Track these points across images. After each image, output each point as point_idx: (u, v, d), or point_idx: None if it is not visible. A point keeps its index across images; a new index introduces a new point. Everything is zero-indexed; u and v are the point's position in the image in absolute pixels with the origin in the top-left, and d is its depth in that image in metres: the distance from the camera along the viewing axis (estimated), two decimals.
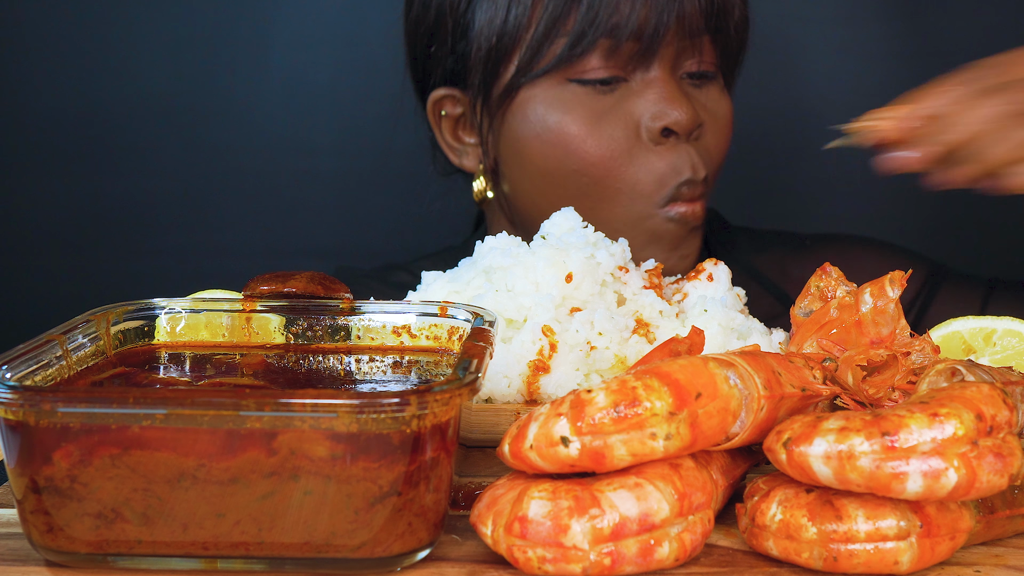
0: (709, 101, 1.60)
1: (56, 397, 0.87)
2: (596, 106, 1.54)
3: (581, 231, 1.30)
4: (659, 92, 1.54)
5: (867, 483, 0.85)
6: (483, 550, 0.93)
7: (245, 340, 1.15)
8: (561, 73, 1.54)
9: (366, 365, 1.13)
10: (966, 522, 0.90)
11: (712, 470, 0.95)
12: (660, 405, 0.88)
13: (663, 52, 1.54)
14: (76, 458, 0.87)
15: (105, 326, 1.09)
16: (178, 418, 0.86)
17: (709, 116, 1.59)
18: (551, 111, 1.55)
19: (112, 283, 2.42)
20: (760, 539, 0.91)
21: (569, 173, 1.56)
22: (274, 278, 1.17)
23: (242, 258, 2.42)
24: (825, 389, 1.00)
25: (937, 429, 0.85)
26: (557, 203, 1.48)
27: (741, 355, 0.96)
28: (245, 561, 0.89)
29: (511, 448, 0.90)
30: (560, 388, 1.20)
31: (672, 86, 1.55)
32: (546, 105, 1.55)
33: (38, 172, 2.42)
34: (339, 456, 0.86)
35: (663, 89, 1.54)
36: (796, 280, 1.85)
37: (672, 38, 1.53)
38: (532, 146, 1.57)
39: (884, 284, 1.11)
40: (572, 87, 1.54)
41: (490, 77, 1.59)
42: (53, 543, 0.89)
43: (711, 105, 1.60)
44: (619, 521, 0.87)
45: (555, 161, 1.56)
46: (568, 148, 1.55)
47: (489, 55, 1.58)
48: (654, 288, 1.29)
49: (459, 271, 1.32)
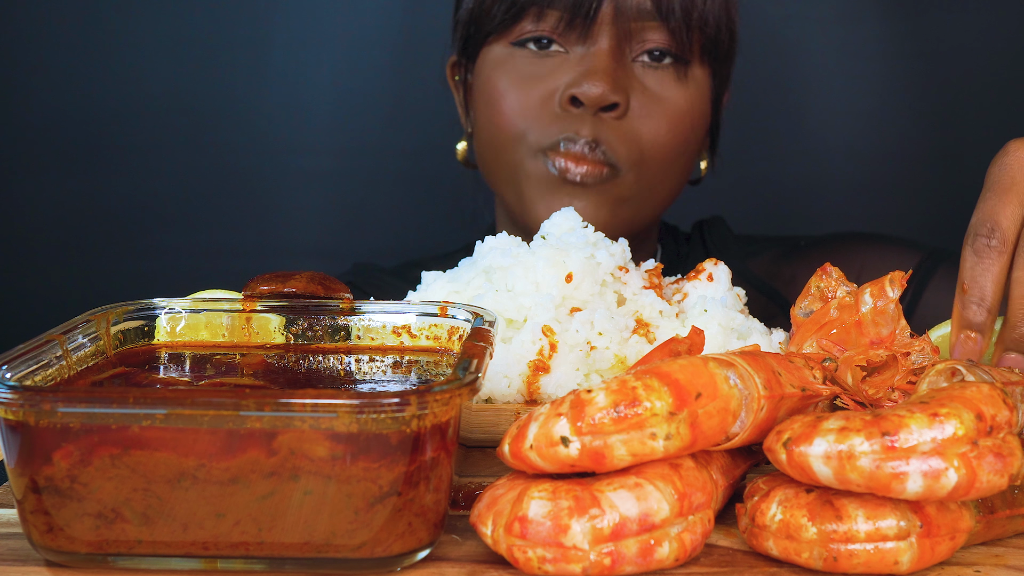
0: (658, 86, 1.65)
1: (56, 397, 0.87)
2: (528, 70, 1.66)
3: (581, 231, 1.30)
4: (586, 65, 1.63)
5: (867, 483, 0.85)
6: (483, 550, 0.93)
7: (245, 340, 1.15)
8: (505, 36, 1.68)
9: (366, 365, 1.13)
10: (966, 522, 0.90)
11: (712, 470, 0.95)
12: (660, 405, 0.88)
13: (603, 29, 1.62)
14: (76, 458, 0.87)
15: (105, 326, 1.09)
16: (178, 418, 0.85)
17: (648, 100, 1.64)
18: (493, 70, 1.69)
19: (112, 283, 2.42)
20: (760, 539, 0.91)
21: (486, 124, 1.70)
22: (274, 278, 1.17)
23: (242, 258, 2.42)
24: (825, 389, 1.00)
25: (937, 429, 0.85)
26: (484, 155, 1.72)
27: (741, 355, 0.96)
28: (245, 561, 0.89)
29: (511, 448, 0.90)
30: (560, 388, 1.20)
31: (605, 62, 1.62)
32: (492, 65, 1.70)
33: (38, 172, 2.42)
34: (339, 456, 0.86)
35: (592, 63, 1.63)
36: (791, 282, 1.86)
37: (611, 17, 1.61)
38: (479, 102, 1.73)
39: (884, 284, 1.11)
40: (513, 50, 1.68)
41: (466, 39, 1.74)
42: (53, 543, 0.89)
43: (658, 90, 1.65)
44: (619, 521, 0.87)
45: (484, 114, 1.71)
46: (490, 101, 1.69)
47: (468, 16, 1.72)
48: (654, 288, 1.29)
49: (459, 271, 1.32)
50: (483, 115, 1.71)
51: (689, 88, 1.67)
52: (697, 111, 1.69)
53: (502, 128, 1.67)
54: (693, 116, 1.68)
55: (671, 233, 1.97)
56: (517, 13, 1.65)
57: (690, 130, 1.68)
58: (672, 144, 1.66)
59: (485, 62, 1.71)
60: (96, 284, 2.42)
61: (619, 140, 1.62)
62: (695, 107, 1.68)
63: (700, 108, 1.69)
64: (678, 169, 1.71)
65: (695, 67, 1.67)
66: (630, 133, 1.63)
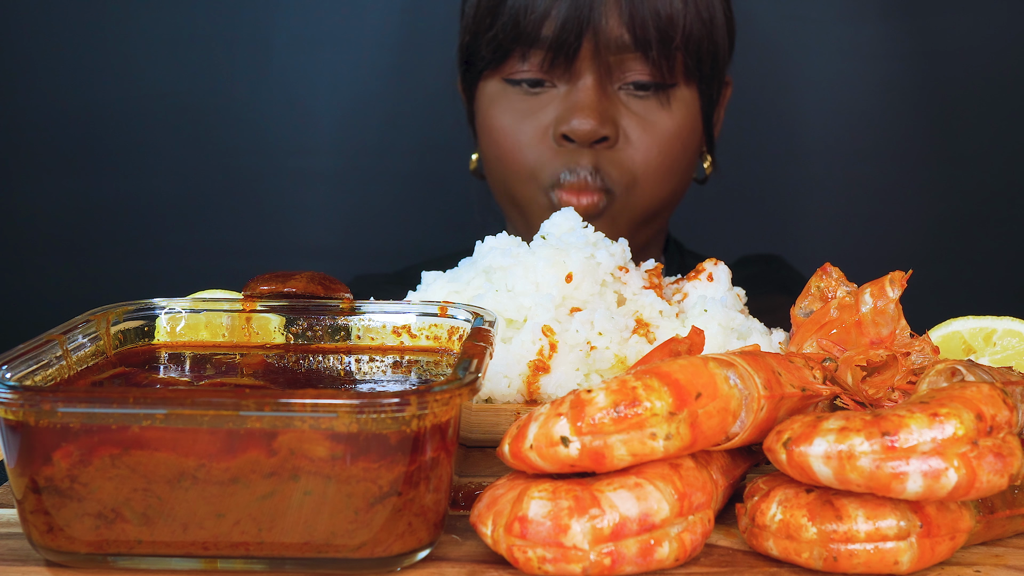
0: (644, 111, 1.71)
1: (56, 397, 0.87)
2: (522, 106, 1.74)
3: (581, 231, 1.30)
4: (572, 101, 1.69)
5: (867, 483, 0.85)
6: (483, 550, 0.93)
7: (245, 340, 1.15)
8: (497, 73, 1.75)
9: (366, 365, 1.13)
10: (966, 522, 0.90)
11: (712, 470, 0.94)
12: (660, 405, 0.88)
13: (585, 65, 1.68)
14: (76, 458, 0.87)
15: (105, 326, 1.09)
16: (178, 418, 0.85)
17: (637, 124, 1.71)
18: (490, 105, 1.77)
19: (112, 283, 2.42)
20: (760, 539, 0.91)
21: (492, 158, 1.79)
22: (274, 278, 1.17)
23: (242, 258, 2.42)
24: (825, 389, 1.00)
25: (937, 429, 0.85)
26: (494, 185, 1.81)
27: (741, 355, 0.96)
28: (245, 561, 0.89)
29: (511, 448, 0.90)
30: (560, 388, 1.20)
31: (589, 97, 1.68)
32: (488, 99, 1.78)
33: (38, 172, 2.42)
34: (339, 456, 0.86)
35: (578, 98, 1.69)
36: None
37: (592, 52, 1.67)
38: (481, 131, 1.81)
39: (884, 284, 1.11)
40: (506, 86, 1.75)
41: (465, 69, 1.79)
42: (53, 543, 0.89)
43: (644, 117, 1.71)
44: (619, 521, 0.87)
45: (489, 149, 1.79)
46: (493, 137, 1.77)
47: (463, 50, 1.79)
48: (654, 288, 1.29)
49: (459, 271, 1.31)
50: (488, 149, 1.79)
51: (675, 111, 1.72)
52: (687, 129, 1.74)
53: (510, 166, 1.75)
54: (683, 136, 1.74)
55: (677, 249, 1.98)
56: (503, 54, 1.72)
57: (681, 150, 1.74)
58: (664, 165, 1.73)
59: (483, 95, 1.79)
60: (96, 284, 2.42)
61: (613, 167, 1.70)
62: (684, 126, 1.73)
63: (690, 125, 1.75)
64: (672, 184, 1.76)
65: (680, 88, 1.72)
66: (624, 160, 1.71)
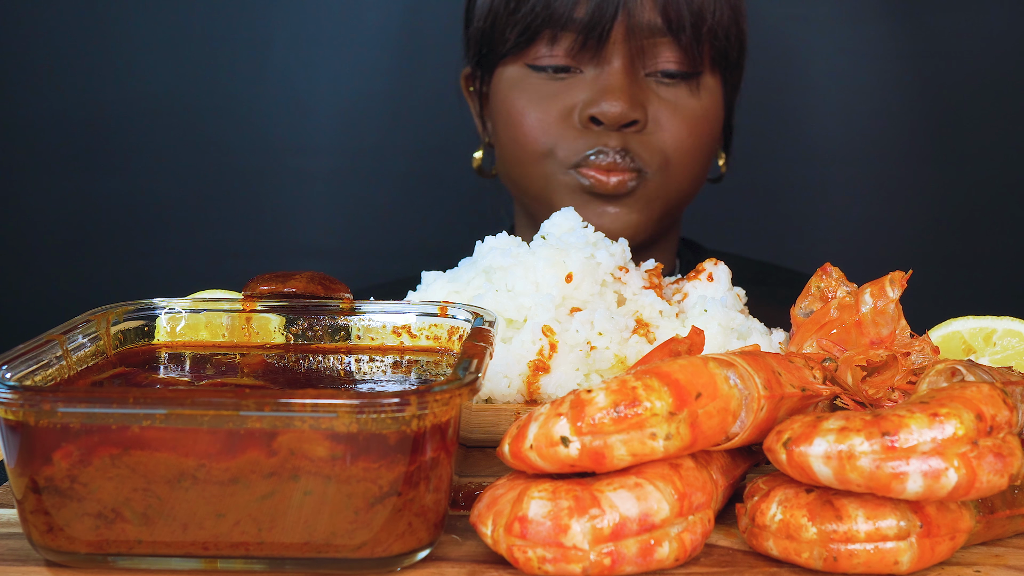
0: (673, 97, 1.69)
1: (56, 397, 0.87)
2: (545, 90, 1.70)
3: (581, 231, 1.30)
4: (602, 84, 1.67)
5: (867, 483, 0.85)
6: (483, 550, 0.93)
7: (245, 340, 1.15)
8: (520, 58, 1.71)
9: (366, 365, 1.13)
10: (966, 522, 0.90)
11: (712, 470, 0.94)
12: (660, 405, 0.88)
13: (616, 48, 1.66)
14: (76, 458, 0.87)
15: (105, 326, 1.09)
16: (178, 418, 0.85)
17: (666, 108, 1.69)
18: (510, 90, 1.73)
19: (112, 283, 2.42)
20: (760, 539, 0.91)
21: (510, 142, 1.74)
22: (274, 278, 1.17)
23: (242, 258, 2.42)
24: (825, 389, 1.00)
25: (937, 429, 0.85)
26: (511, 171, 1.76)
27: (741, 355, 0.96)
28: (245, 561, 0.89)
29: (511, 448, 0.90)
30: (560, 388, 1.20)
31: (620, 80, 1.66)
32: (508, 85, 1.74)
33: (38, 172, 2.42)
34: (339, 456, 0.86)
35: (607, 81, 1.66)
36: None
37: (624, 36, 1.65)
38: (498, 120, 1.77)
39: (884, 284, 1.11)
40: (529, 71, 1.71)
41: (480, 57, 1.78)
42: (53, 543, 0.89)
43: (674, 103, 1.69)
44: (619, 521, 0.87)
45: (505, 133, 1.75)
46: (510, 120, 1.73)
47: (480, 36, 1.75)
48: (654, 288, 1.29)
49: (459, 271, 1.31)
50: (505, 133, 1.75)
51: (703, 98, 1.72)
52: (713, 116, 1.74)
53: (526, 146, 1.71)
54: (710, 120, 1.73)
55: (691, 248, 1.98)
56: (531, 37, 1.68)
57: (708, 133, 1.74)
58: (696, 147, 1.72)
59: (501, 81, 1.75)
60: (96, 284, 2.42)
61: (644, 149, 1.68)
62: (711, 113, 1.73)
63: (715, 113, 1.75)
64: (699, 169, 1.76)
65: (707, 77, 1.72)
66: (655, 143, 1.69)
